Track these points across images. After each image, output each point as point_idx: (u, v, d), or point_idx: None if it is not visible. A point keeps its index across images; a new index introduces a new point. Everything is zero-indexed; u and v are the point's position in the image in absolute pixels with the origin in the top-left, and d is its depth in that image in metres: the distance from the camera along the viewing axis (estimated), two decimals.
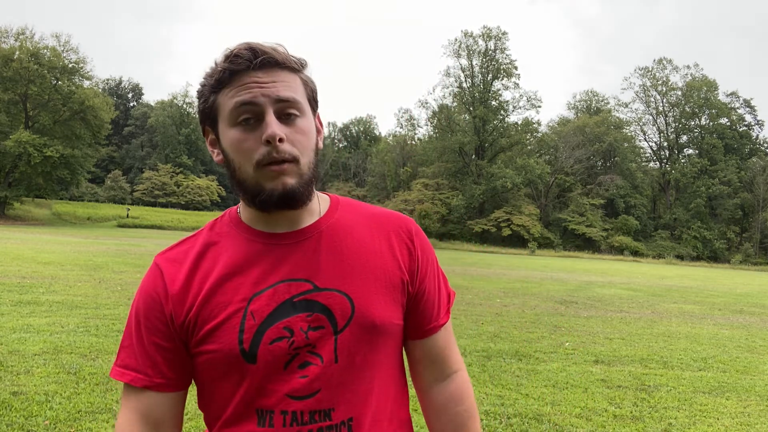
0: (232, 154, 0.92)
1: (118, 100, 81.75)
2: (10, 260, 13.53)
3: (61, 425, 3.63)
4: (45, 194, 49.39)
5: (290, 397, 0.89)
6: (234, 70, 0.89)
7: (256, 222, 0.98)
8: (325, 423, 0.90)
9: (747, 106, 70.83)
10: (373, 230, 1.00)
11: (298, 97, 0.92)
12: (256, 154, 0.89)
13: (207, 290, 0.93)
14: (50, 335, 6.03)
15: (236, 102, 0.89)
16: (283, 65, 0.91)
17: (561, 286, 16.69)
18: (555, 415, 4.44)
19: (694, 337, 8.61)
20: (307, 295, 0.92)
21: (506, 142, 63.63)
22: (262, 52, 0.89)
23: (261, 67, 0.89)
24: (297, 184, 0.91)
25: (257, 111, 0.89)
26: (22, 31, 46.14)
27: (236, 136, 0.90)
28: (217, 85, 0.91)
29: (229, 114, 0.90)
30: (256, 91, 0.88)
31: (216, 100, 0.92)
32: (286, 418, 0.89)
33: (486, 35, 64.61)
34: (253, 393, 0.90)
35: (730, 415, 4.72)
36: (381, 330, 0.95)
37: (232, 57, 0.89)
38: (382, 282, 0.97)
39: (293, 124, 0.91)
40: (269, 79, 0.89)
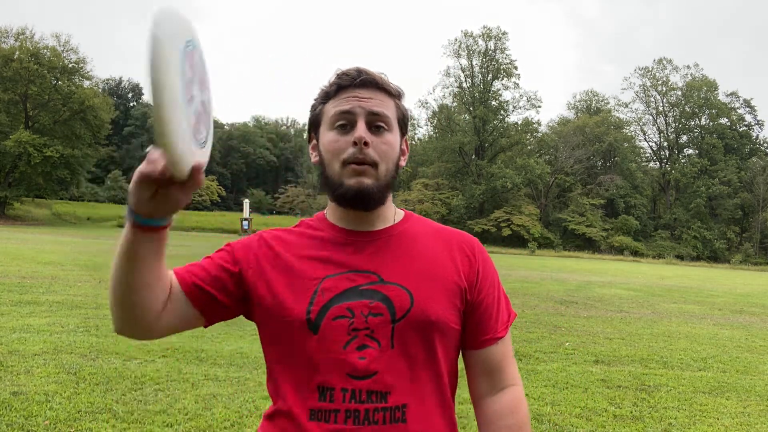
0: (325, 153, 1.08)
1: (118, 100, 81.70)
2: (10, 260, 13.53)
3: (61, 425, 3.63)
4: (45, 194, 49.37)
5: (350, 377, 0.99)
6: (340, 85, 1.07)
7: (338, 220, 1.12)
8: (381, 404, 0.98)
9: (747, 106, 70.82)
10: (438, 241, 1.13)
11: (389, 114, 1.07)
12: (344, 153, 1.04)
13: (290, 265, 1.07)
14: (50, 335, 6.03)
15: (336, 110, 1.06)
16: (381, 87, 1.08)
17: (561, 286, 16.69)
18: (555, 415, 4.44)
19: (694, 337, 8.61)
20: (372, 286, 1.03)
21: (506, 142, 63.60)
22: (366, 73, 1.07)
23: (362, 86, 1.06)
24: (372, 186, 1.04)
25: (352, 119, 1.05)
26: (22, 31, 46.12)
27: (331, 137, 1.06)
28: (325, 97, 1.09)
29: (329, 120, 1.07)
30: (354, 103, 1.05)
31: (322, 110, 1.10)
32: (345, 395, 0.98)
33: (486, 35, 64.59)
34: (314, 365, 1.00)
35: (730, 415, 4.72)
36: (437, 327, 1.04)
37: (341, 75, 1.08)
38: (442, 285, 1.07)
39: (381, 135, 1.06)
40: (367, 95, 1.06)
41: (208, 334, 6.55)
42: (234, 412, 4.05)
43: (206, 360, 5.44)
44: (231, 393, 4.47)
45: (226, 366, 5.26)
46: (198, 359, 5.44)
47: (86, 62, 48.06)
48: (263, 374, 5.03)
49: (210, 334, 6.59)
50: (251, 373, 5.08)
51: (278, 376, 1.06)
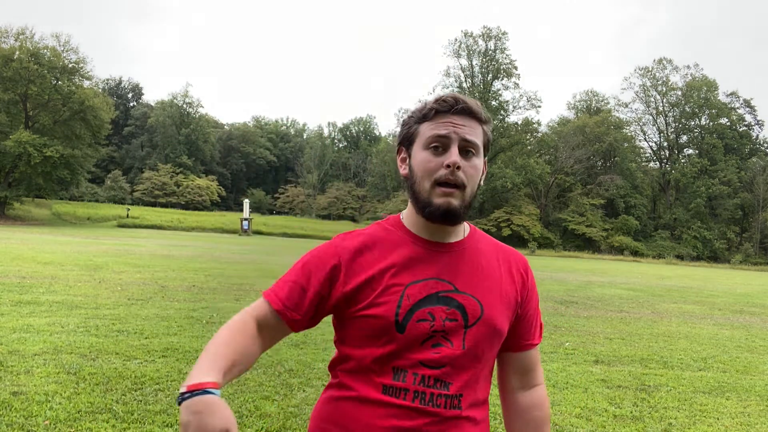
0: (417, 170, 1.19)
1: (118, 100, 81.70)
2: (10, 260, 13.53)
3: (61, 425, 3.63)
4: (45, 194, 49.37)
5: (422, 364, 1.14)
6: (438, 110, 1.17)
7: (418, 229, 1.23)
8: (443, 392, 1.15)
9: (747, 106, 70.82)
10: (500, 257, 1.27)
11: (478, 141, 1.19)
12: (437, 174, 1.15)
13: (377, 271, 1.18)
14: (50, 335, 6.03)
15: (433, 133, 1.17)
16: (474, 115, 1.19)
17: (561, 286, 16.69)
18: (555, 415, 4.44)
19: (694, 337, 8.61)
20: (449, 294, 1.17)
21: (506, 142, 63.59)
22: (463, 101, 1.18)
23: (458, 113, 1.17)
24: (458, 206, 1.16)
25: (446, 143, 1.16)
26: (22, 31, 46.10)
27: (425, 156, 1.17)
28: (423, 118, 1.19)
29: (424, 140, 1.18)
30: (451, 128, 1.16)
31: (417, 129, 1.20)
32: (416, 378, 1.14)
33: (486, 35, 64.60)
34: (393, 355, 1.15)
35: (730, 415, 4.72)
36: (498, 334, 1.21)
37: (440, 101, 1.18)
38: (503, 298, 1.22)
39: (469, 159, 1.17)
40: (462, 123, 1.17)
41: (208, 334, 6.55)
42: (234, 412, 4.04)
43: None
44: (231, 393, 4.47)
45: None
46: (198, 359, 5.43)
47: (86, 62, 48.07)
48: (263, 374, 5.03)
49: (210, 334, 6.59)
50: (251, 373, 5.08)
51: (356, 354, 1.19)
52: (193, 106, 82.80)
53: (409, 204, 1.24)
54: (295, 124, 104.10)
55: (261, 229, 53.43)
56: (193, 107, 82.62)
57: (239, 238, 43.19)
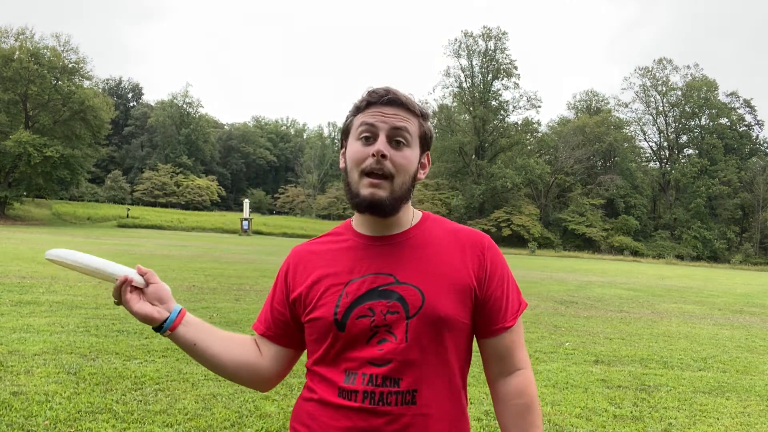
0: (349, 161, 1.19)
1: (118, 100, 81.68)
2: (10, 260, 13.53)
3: (61, 425, 3.63)
4: (45, 194, 49.38)
5: (370, 363, 1.13)
6: (369, 101, 1.18)
7: (360, 227, 1.25)
8: (394, 389, 1.11)
9: (747, 106, 70.80)
10: (452, 242, 1.23)
11: (410, 129, 1.18)
12: (364, 163, 1.15)
13: (321, 274, 1.21)
14: (50, 335, 6.03)
15: (362, 122, 1.18)
16: (405, 106, 1.19)
17: (561, 286, 16.69)
18: (555, 415, 4.44)
19: (694, 337, 8.61)
20: (389, 286, 1.15)
21: (506, 142, 63.57)
22: (392, 93, 1.18)
23: (388, 103, 1.17)
24: (386, 198, 1.15)
25: (374, 132, 1.16)
26: (22, 31, 46.12)
27: (355, 147, 1.18)
28: (356, 111, 1.21)
29: (355, 131, 1.19)
30: (379, 117, 1.16)
31: (352, 121, 1.21)
32: (365, 379, 1.12)
33: (486, 35, 64.57)
34: (341, 355, 1.15)
35: (730, 415, 4.72)
36: (446, 323, 1.15)
37: (371, 92, 1.19)
38: (452, 284, 1.17)
39: (400, 149, 1.17)
40: (391, 112, 1.17)
41: None
42: (234, 412, 4.05)
43: None
44: (231, 393, 4.47)
45: None
46: None
47: (86, 62, 48.13)
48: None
49: None
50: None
51: (316, 367, 1.21)
52: (193, 106, 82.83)
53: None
54: (295, 124, 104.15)
55: (261, 229, 53.45)
56: (193, 107, 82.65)
57: (239, 238, 43.18)
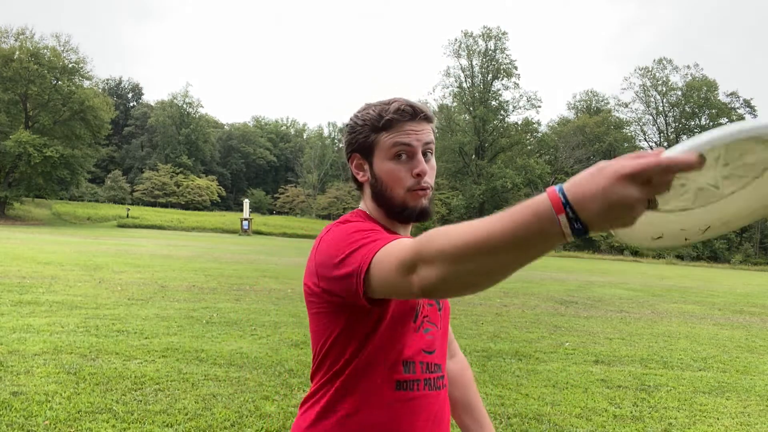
0: (387, 180, 1.22)
1: (118, 100, 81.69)
2: (10, 260, 13.53)
3: (61, 425, 3.63)
4: (45, 194, 49.37)
5: (424, 352, 1.21)
6: (398, 119, 1.20)
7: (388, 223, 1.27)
8: (438, 374, 1.24)
9: (747, 106, 70.80)
10: None
11: (433, 141, 1.25)
12: (407, 182, 1.21)
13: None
14: (50, 335, 6.03)
15: (397, 142, 1.20)
16: (429, 119, 1.24)
17: (561, 286, 16.69)
18: (555, 415, 4.44)
19: (694, 337, 8.61)
20: None
21: (506, 142, 63.58)
22: (421, 110, 1.22)
23: (418, 120, 1.21)
24: (428, 205, 1.24)
25: (411, 151, 1.20)
26: (22, 31, 46.15)
27: (392, 167, 1.21)
28: (381, 128, 1.21)
29: (387, 150, 1.21)
30: (413, 136, 1.20)
31: (376, 138, 1.22)
32: (422, 367, 1.20)
33: (486, 35, 64.58)
34: (403, 346, 1.18)
35: (730, 415, 4.72)
36: (450, 313, 1.34)
37: (399, 111, 1.20)
38: None
39: (429, 161, 1.24)
40: (420, 128, 1.21)
41: (208, 334, 6.55)
42: (234, 412, 4.05)
43: (206, 360, 5.44)
44: (231, 393, 4.47)
45: (226, 366, 5.26)
46: (198, 359, 5.44)
47: (86, 62, 48.17)
48: (263, 374, 5.03)
49: (210, 334, 6.59)
50: (251, 373, 5.08)
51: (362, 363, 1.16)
52: (193, 106, 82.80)
53: (371, 203, 1.26)
54: (295, 124, 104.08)
55: (261, 229, 53.44)
56: (193, 107, 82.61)
57: (239, 238, 43.18)
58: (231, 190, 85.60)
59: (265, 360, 5.53)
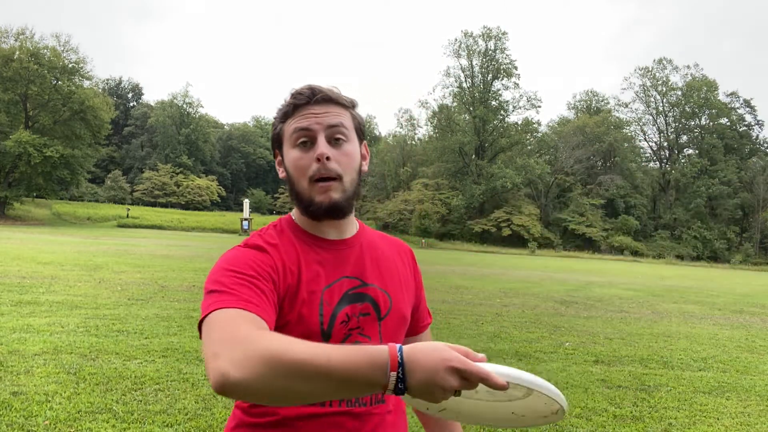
0: (292, 170, 1.14)
1: (118, 100, 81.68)
2: (10, 260, 13.53)
3: (61, 425, 3.63)
4: (45, 194, 49.40)
5: None
6: (297, 104, 1.13)
7: (310, 228, 1.18)
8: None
9: (747, 106, 70.83)
10: (392, 248, 1.28)
11: (345, 123, 1.14)
12: (309, 170, 1.10)
13: (294, 279, 1.10)
14: (50, 335, 6.03)
15: (296, 127, 1.12)
16: (335, 101, 1.14)
17: (561, 286, 16.69)
18: None
19: (694, 337, 8.60)
20: (359, 289, 1.15)
21: (506, 142, 63.61)
22: (319, 90, 1.13)
23: (317, 102, 1.12)
24: (341, 199, 1.12)
25: (311, 135, 1.11)
26: (22, 31, 46.16)
27: (295, 155, 1.13)
28: (284, 117, 1.15)
29: (290, 138, 1.13)
30: (312, 119, 1.11)
31: (282, 128, 1.16)
32: None
33: (486, 35, 64.63)
34: None
35: (730, 415, 4.72)
36: (406, 321, 1.22)
37: (296, 94, 1.13)
38: (404, 286, 1.23)
39: (340, 147, 1.12)
40: (322, 111, 1.12)
41: None
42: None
43: None
44: None
45: None
46: (198, 359, 5.44)
47: (86, 62, 48.19)
48: None
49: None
50: None
51: None
52: (193, 106, 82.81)
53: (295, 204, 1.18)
54: None
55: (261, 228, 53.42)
56: (193, 107, 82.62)
57: (239, 238, 43.17)
58: (231, 190, 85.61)
59: None
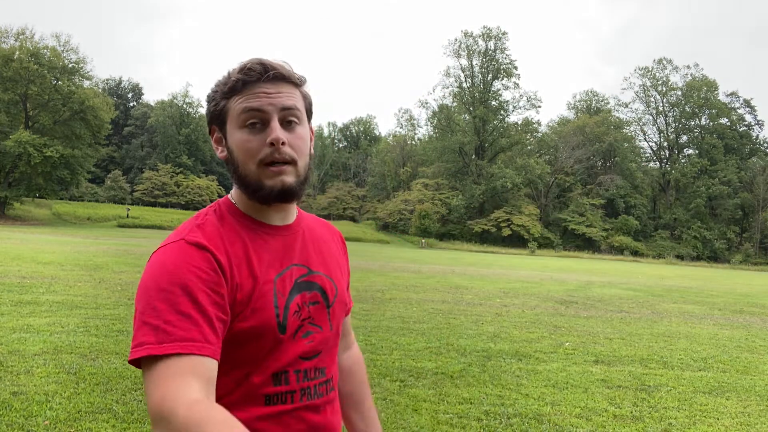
0: (238, 153, 1.05)
1: (118, 100, 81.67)
2: (10, 260, 13.53)
3: (61, 425, 3.63)
4: (45, 194, 49.41)
5: (301, 358, 1.07)
6: (246, 80, 1.03)
7: (254, 213, 1.10)
8: (322, 378, 1.10)
9: (747, 106, 70.85)
10: (325, 232, 1.25)
11: (299, 106, 1.07)
12: (260, 154, 1.02)
13: (244, 271, 1.02)
14: (50, 335, 6.03)
15: (245, 107, 1.03)
16: (287, 80, 1.06)
17: (561, 286, 16.69)
18: (555, 415, 4.44)
19: (694, 337, 8.60)
20: (307, 277, 1.11)
21: (506, 142, 63.64)
22: (272, 67, 1.04)
23: (269, 80, 1.03)
24: (294, 183, 1.05)
25: (264, 117, 1.03)
26: (22, 31, 46.17)
27: (243, 137, 1.04)
28: (229, 92, 1.04)
29: (237, 117, 1.04)
30: (264, 100, 1.03)
31: (226, 105, 1.05)
32: (298, 375, 1.06)
33: (486, 35, 64.65)
34: (268, 358, 1.03)
35: (730, 415, 4.72)
36: (347, 308, 1.24)
37: (245, 70, 1.03)
38: (342, 271, 1.23)
39: (293, 130, 1.05)
40: (275, 90, 1.04)
41: None
42: None
43: None
44: None
45: None
46: None
47: (86, 62, 48.19)
48: None
49: None
50: None
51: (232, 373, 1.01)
52: (193, 106, 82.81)
53: (234, 185, 1.10)
54: None
55: None
56: (193, 107, 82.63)
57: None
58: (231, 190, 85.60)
59: None
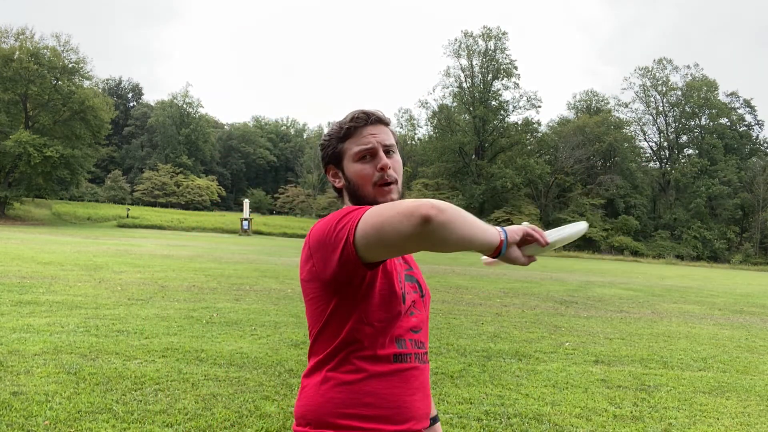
0: (356, 179, 1.41)
1: (118, 100, 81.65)
2: (10, 260, 13.53)
3: (61, 425, 3.63)
4: (45, 194, 49.39)
5: (411, 330, 1.40)
6: (356, 126, 1.42)
7: None
8: (423, 350, 1.44)
9: (747, 106, 70.82)
10: None
11: (393, 141, 1.45)
12: (373, 177, 1.40)
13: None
14: (50, 335, 6.03)
15: (360, 148, 1.41)
16: (383, 122, 1.45)
17: (561, 286, 16.69)
18: (555, 415, 4.44)
19: (694, 337, 8.61)
20: (409, 272, 1.48)
21: (506, 142, 63.59)
22: (372, 114, 1.44)
23: (372, 123, 1.42)
24: (397, 198, 1.39)
25: (373, 151, 1.41)
26: (22, 31, 46.12)
27: (360, 167, 1.41)
28: (344, 137, 1.43)
29: (353, 155, 1.41)
30: (372, 139, 1.41)
31: (342, 146, 1.44)
32: (411, 343, 1.40)
33: (486, 35, 64.60)
34: (396, 323, 1.36)
35: (730, 415, 4.72)
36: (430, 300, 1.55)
37: (354, 119, 1.42)
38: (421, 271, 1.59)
39: (393, 158, 1.44)
40: (377, 131, 1.42)
41: (208, 334, 6.55)
42: (234, 412, 4.05)
43: (206, 360, 5.44)
44: (231, 393, 4.47)
45: (226, 366, 5.26)
46: (198, 359, 5.44)
47: (86, 62, 48.09)
48: (263, 374, 5.03)
49: (210, 334, 6.60)
50: (251, 373, 5.08)
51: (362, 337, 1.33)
52: (193, 106, 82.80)
53: (348, 203, 1.44)
54: (295, 124, 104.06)
55: (261, 229, 53.42)
56: (193, 107, 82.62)
57: (239, 238, 43.18)
58: (231, 190, 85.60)
59: (265, 360, 5.53)
